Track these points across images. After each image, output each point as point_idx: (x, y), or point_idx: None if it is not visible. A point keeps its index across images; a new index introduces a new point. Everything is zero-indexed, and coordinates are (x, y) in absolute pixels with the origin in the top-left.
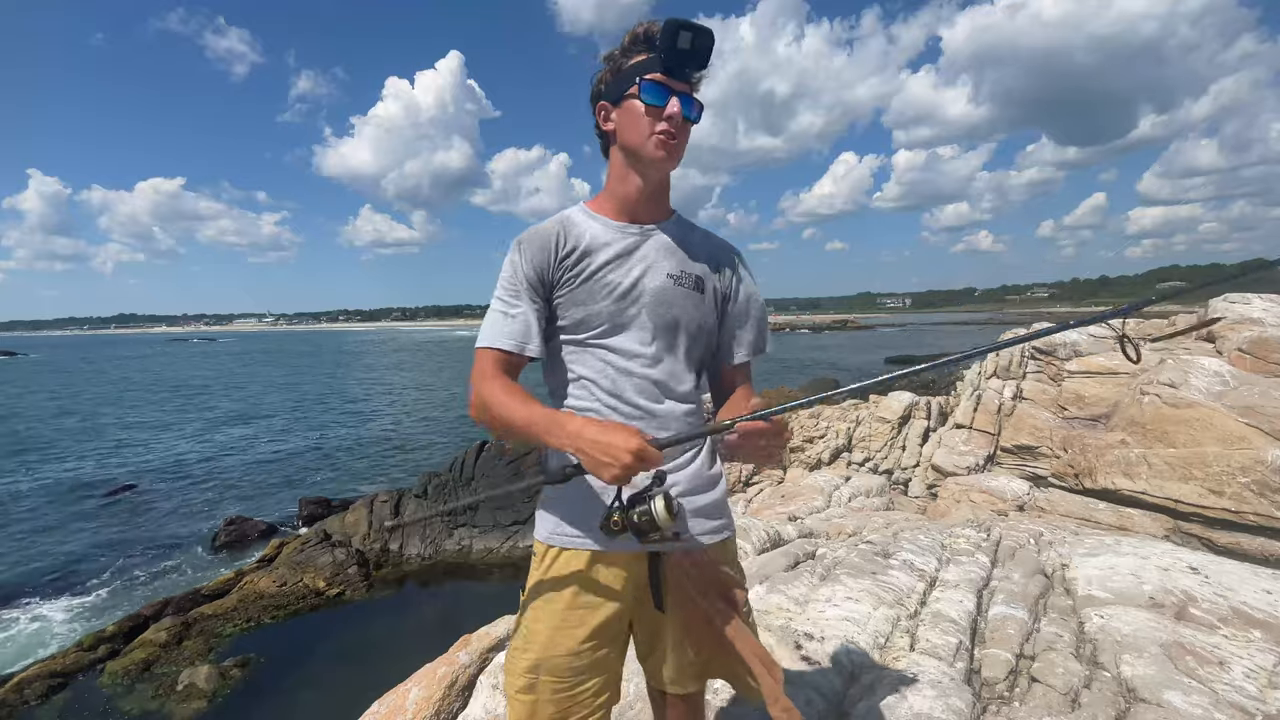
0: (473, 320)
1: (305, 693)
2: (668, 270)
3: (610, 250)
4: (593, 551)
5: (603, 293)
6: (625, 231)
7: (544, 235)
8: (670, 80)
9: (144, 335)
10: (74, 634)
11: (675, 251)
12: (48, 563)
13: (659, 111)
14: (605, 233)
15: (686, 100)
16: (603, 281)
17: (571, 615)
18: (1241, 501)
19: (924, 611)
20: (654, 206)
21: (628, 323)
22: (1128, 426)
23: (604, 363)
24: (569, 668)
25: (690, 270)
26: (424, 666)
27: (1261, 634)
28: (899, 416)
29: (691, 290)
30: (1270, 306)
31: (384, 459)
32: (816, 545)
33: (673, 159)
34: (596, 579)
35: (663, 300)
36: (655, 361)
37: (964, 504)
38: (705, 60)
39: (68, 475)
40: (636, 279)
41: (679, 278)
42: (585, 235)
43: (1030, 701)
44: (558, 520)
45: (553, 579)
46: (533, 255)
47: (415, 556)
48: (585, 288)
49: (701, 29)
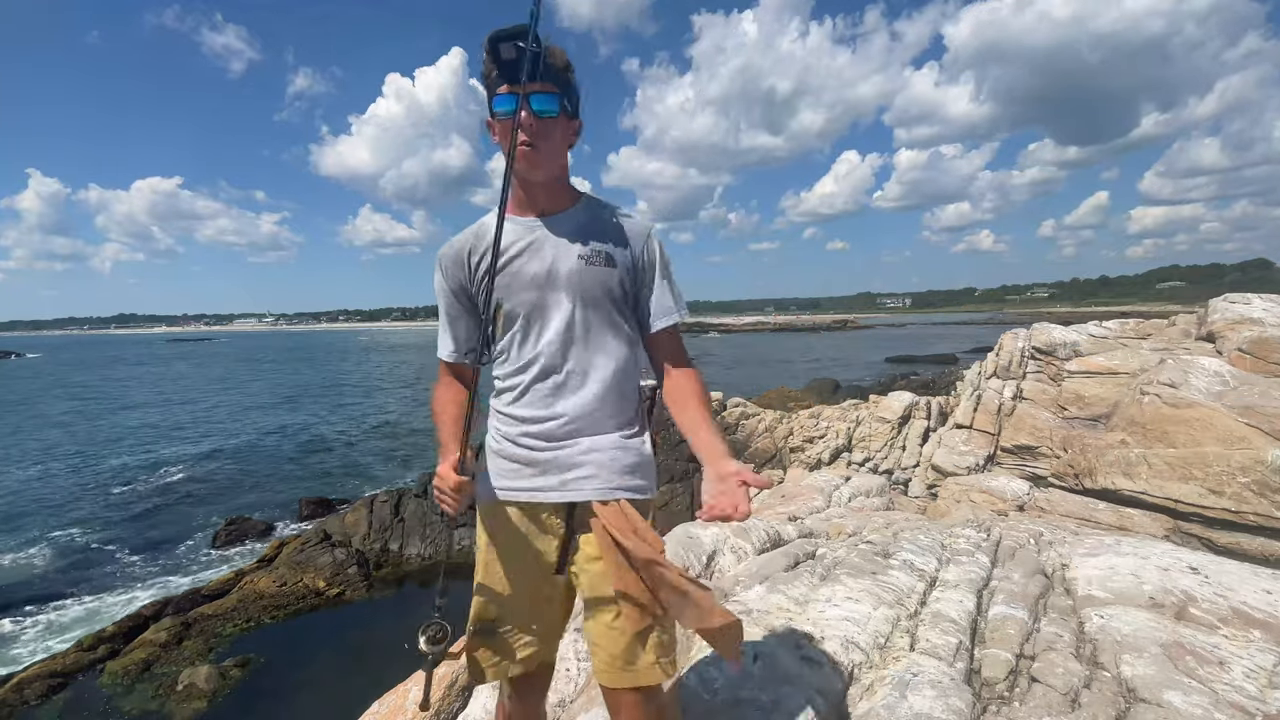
0: None
1: (305, 693)
2: (577, 252)
3: (518, 244)
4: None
5: (518, 283)
6: (530, 226)
7: (456, 250)
8: (514, 87)
9: (144, 335)
10: (74, 634)
11: (582, 233)
12: (47, 563)
13: (509, 122)
14: (514, 230)
15: (538, 98)
16: (514, 273)
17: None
18: (1241, 501)
19: (924, 611)
20: (555, 196)
21: (551, 305)
22: (1128, 426)
23: (534, 345)
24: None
25: (600, 248)
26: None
27: (1261, 634)
28: (899, 416)
29: (602, 266)
30: (1270, 306)
31: (384, 459)
32: (816, 545)
33: (535, 164)
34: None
35: (577, 280)
36: (582, 337)
37: (964, 504)
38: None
39: (67, 475)
40: (549, 265)
41: (589, 256)
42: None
43: (1030, 701)
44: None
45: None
46: (451, 271)
47: (415, 556)
48: (501, 284)
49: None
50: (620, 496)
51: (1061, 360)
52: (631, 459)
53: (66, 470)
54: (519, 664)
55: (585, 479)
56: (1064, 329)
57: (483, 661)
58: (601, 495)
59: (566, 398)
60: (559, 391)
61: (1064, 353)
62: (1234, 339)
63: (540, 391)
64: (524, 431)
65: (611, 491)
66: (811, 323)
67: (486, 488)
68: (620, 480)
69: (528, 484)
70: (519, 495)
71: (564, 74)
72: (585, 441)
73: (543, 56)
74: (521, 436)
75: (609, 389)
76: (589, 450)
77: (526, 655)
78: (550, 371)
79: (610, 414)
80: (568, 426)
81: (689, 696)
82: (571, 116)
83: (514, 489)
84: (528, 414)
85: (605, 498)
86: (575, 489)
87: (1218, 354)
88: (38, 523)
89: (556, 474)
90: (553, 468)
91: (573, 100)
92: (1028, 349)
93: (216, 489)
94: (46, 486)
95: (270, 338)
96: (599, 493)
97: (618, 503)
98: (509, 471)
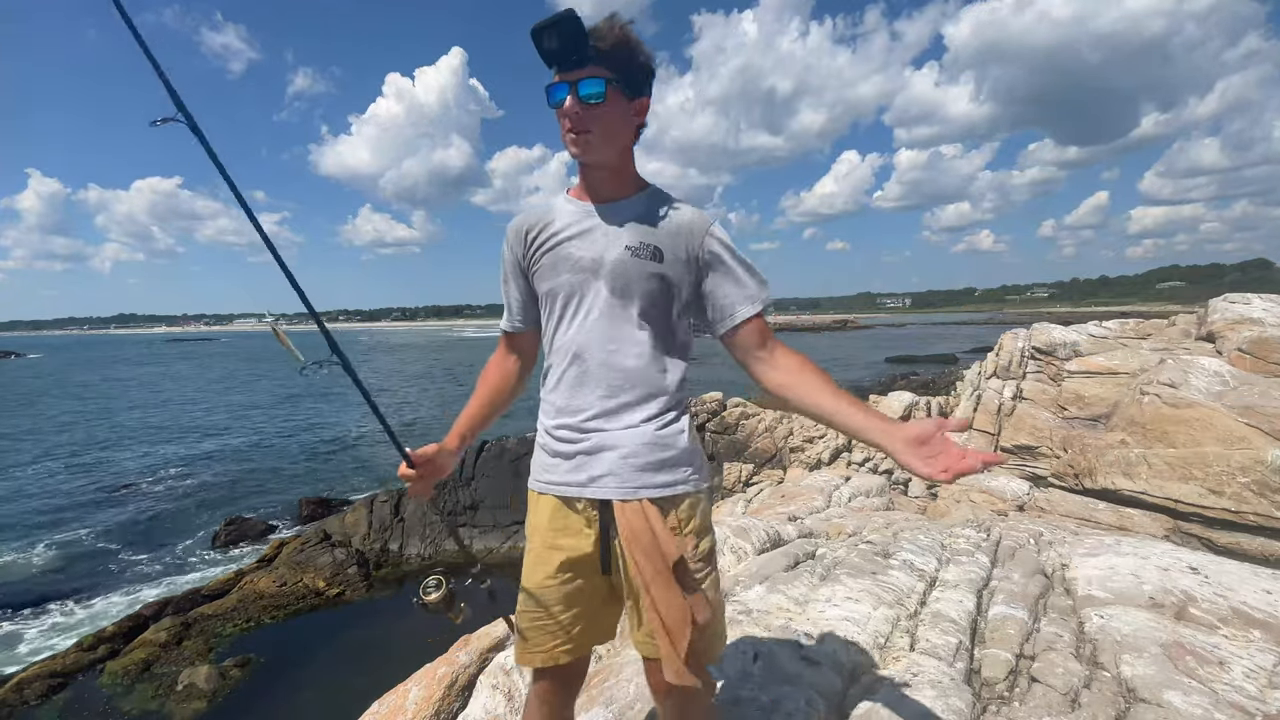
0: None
1: (305, 693)
2: (625, 242)
3: (572, 228)
4: (557, 496)
5: (565, 265)
6: (590, 211)
7: (520, 223)
8: (564, 74)
9: (144, 335)
10: (74, 634)
11: (636, 224)
12: (47, 563)
13: (561, 109)
14: (571, 213)
15: (583, 83)
16: (563, 255)
17: (542, 554)
18: (1241, 501)
19: (924, 611)
20: (616, 183)
21: (589, 292)
22: (1128, 426)
23: (565, 330)
24: (539, 598)
25: (649, 241)
26: (424, 666)
27: (1261, 634)
28: (899, 416)
29: (648, 260)
30: (1270, 306)
31: (384, 459)
32: (816, 545)
33: (585, 149)
34: (563, 521)
35: (621, 271)
36: (615, 328)
37: (964, 504)
38: (581, 42)
39: (67, 475)
40: (597, 252)
41: (636, 249)
42: (555, 217)
43: (1030, 701)
44: (534, 466)
45: (532, 519)
46: (511, 242)
47: (415, 556)
48: (549, 263)
49: (559, 20)
50: (642, 496)
51: (1061, 360)
52: (661, 454)
53: (67, 470)
54: (552, 655)
55: (608, 475)
56: (1064, 329)
57: (528, 647)
58: (623, 495)
59: (592, 388)
60: (586, 380)
61: (1064, 353)
62: (1234, 339)
63: (570, 379)
64: (557, 423)
65: (634, 491)
66: (811, 323)
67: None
68: (643, 479)
69: (560, 478)
70: (553, 489)
71: (617, 52)
72: (610, 436)
73: (587, 39)
74: (555, 428)
75: (639, 381)
76: (613, 446)
77: (560, 647)
78: (580, 359)
79: (639, 407)
80: (594, 419)
81: None
82: (631, 96)
83: (548, 482)
84: (560, 402)
85: (626, 497)
86: (600, 486)
87: (1218, 354)
88: (38, 522)
89: (585, 470)
90: (581, 463)
91: (631, 79)
92: (1028, 349)
93: (216, 489)
94: (47, 486)
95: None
96: (621, 492)
97: (639, 503)
98: (547, 465)
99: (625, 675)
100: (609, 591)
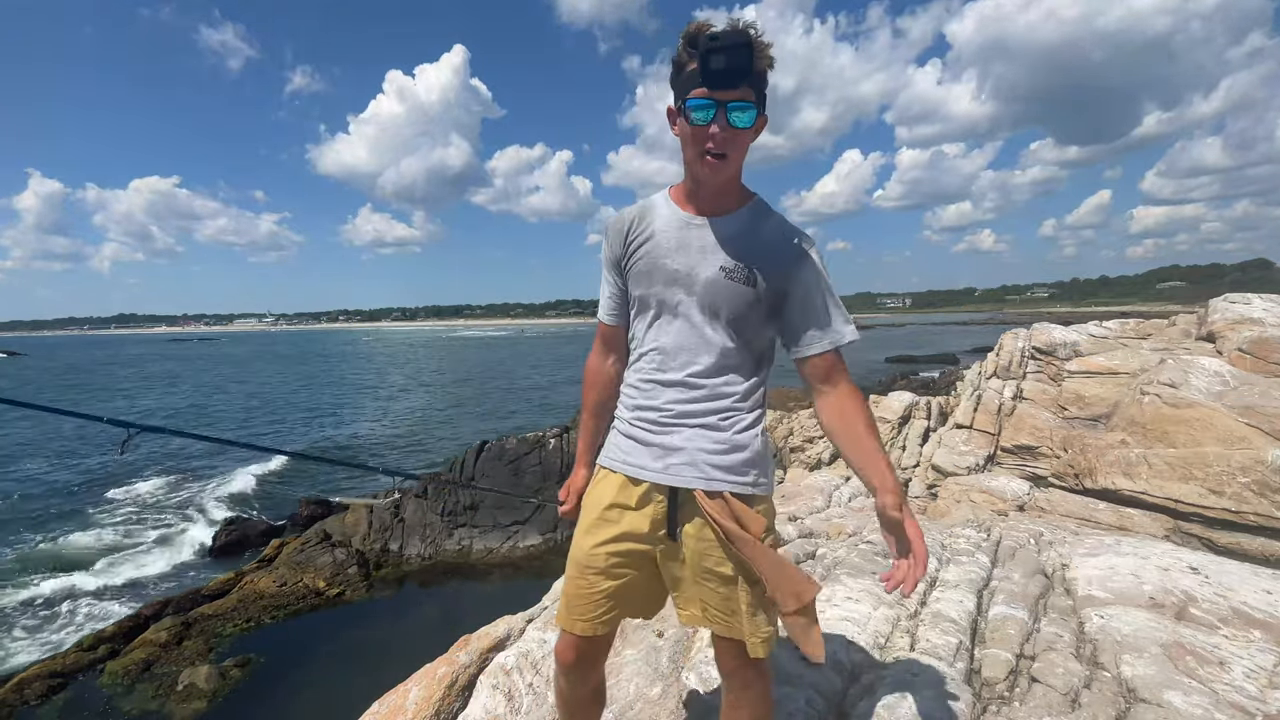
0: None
1: (305, 693)
2: (720, 263)
3: (670, 238)
4: (622, 475)
5: (659, 276)
6: (689, 222)
7: (620, 221)
8: (713, 93)
9: (144, 335)
10: (74, 634)
11: (733, 244)
12: (46, 562)
13: (704, 131)
14: (673, 221)
15: (734, 107)
16: (659, 265)
17: (596, 524)
18: (1242, 501)
19: (924, 612)
20: (722, 198)
21: (677, 306)
22: (1128, 426)
23: (656, 342)
24: (587, 565)
25: (744, 262)
26: (424, 666)
27: (1261, 634)
28: (899, 416)
29: (740, 284)
30: (1270, 306)
31: (384, 459)
32: (816, 545)
33: (719, 173)
34: (625, 498)
35: (711, 290)
36: (701, 341)
37: (964, 504)
38: (747, 68)
39: (67, 474)
40: (691, 268)
41: (730, 270)
42: (656, 221)
43: (1030, 701)
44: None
45: (592, 493)
46: (610, 239)
47: (415, 556)
48: (644, 270)
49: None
50: (722, 489)
51: (1062, 360)
52: (736, 455)
53: (67, 469)
54: (592, 625)
55: (685, 465)
56: (1064, 329)
57: (571, 614)
58: (703, 485)
59: (675, 391)
60: (669, 385)
61: (1064, 353)
62: (1234, 339)
63: (653, 380)
64: (636, 416)
65: (710, 482)
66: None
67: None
68: (720, 475)
69: (636, 460)
70: (625, 469)
71: (764, 73)
72: (688, 432)
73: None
74: (635, 419)
75: (719, 387)
76: (690, 439)
77: (602, 620)
78: (665, 366)
79: (718, 413)
80: (674, 416)
81: (690, 697)
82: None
83: (621, 462)
84: (641, 400)
85: (706, 488)
86: (676, 474)
87: (1218, 354)
88: (37, 522)
89: (662, 459)
90: (658, 454)
91: (765, 98)
92: (1028, 349)
93: (216, 489)
94: (47, 485)
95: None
96: (700, 482)
97: (721, 495)
98: (623, 447)
99: (625, 675)
100: (653, 574)
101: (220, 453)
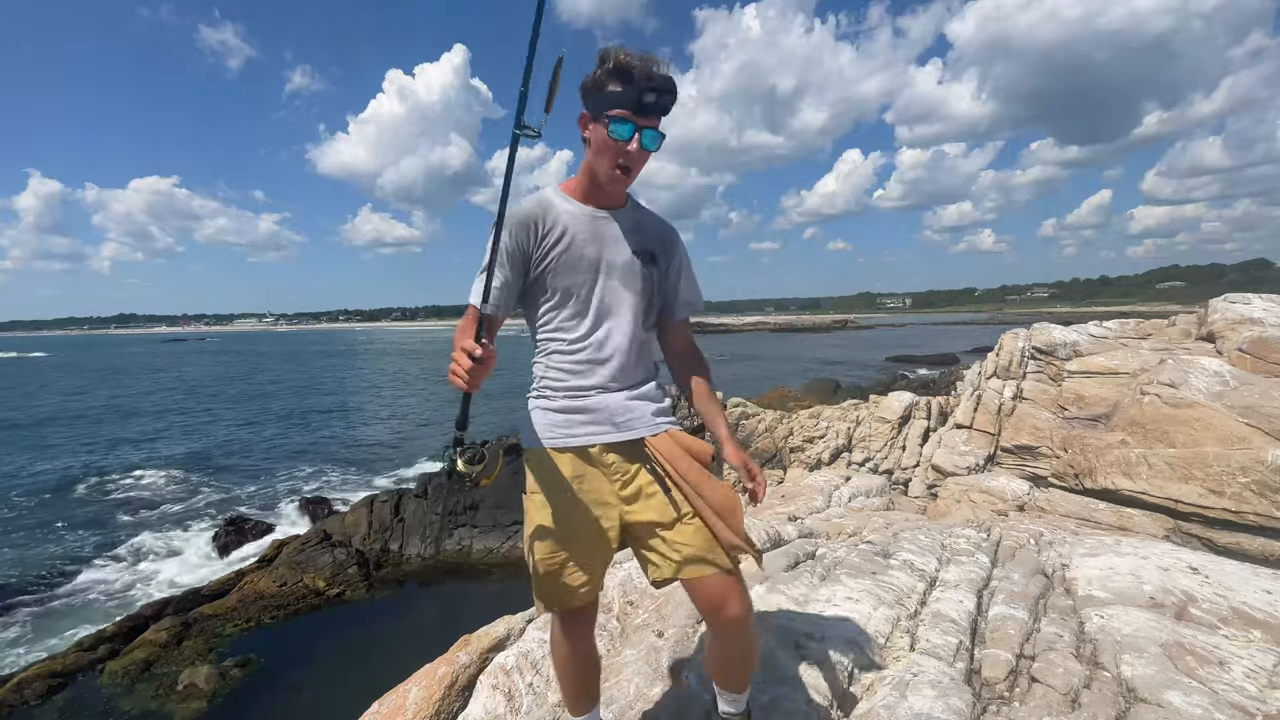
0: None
1: (305, 693)
2: (632, 249)
3: (584, 231)
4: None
5: (583, 265)
6: (595, 215)
7: (525, 215)
8: (635, 117)
9: (145, 335)
10: (74, 634)
11: (634, 232)
12: (46, 562)
13: (622, 145)
14: (580, 216)
15: (649, 135)
16: (582, 255)
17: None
18: (1241, 501)
19: (924, 611)
20: (617, 196)
21: (604, 290)
22: (1128, 426)
23: (583, 322)
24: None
25: (646, 247)
26: (424, 666)
27: (1261, 634)
28: (899, 416)
29: (647, 263)
30: (1270, 306)
31: (384, 459)
32: (816, 545)
33: (623, 185)
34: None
35: (628, 273)
36: (621, 320)
37: (964, 504)
38: (667, 107)
39: (67, 474)
40: (608, 255)
41: (639, 253)
42: (563, 217)
43: (1030, 701)
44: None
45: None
46: (515, 234)
47: (415, 556)
48: (567, 262)
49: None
50: (666, 427)
51: (1062, 360)
52: (661, 404)
53: (66, 468)
54: (580, 596)
55: (635, 419)
56: (1064, 329)
57: (551, 597)
58: (652, 430)
59: (610, 366)
60: (604, 363)
61: (1064, 353)
62: (1234, 339)
63: (588, 362)
64: (574, 391)
65: (656, 428)
66: (811, 323)
67: (531, 437)
68: (660, 419)
69: (582, 430)
70: (573, 441)
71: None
72: (627, 396)
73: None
74: (573, 395)
75: (641, 361)
76: (631, 399)
77: (586, 588)
78: (598, 346)
79: (642, 375)
80: (611, 385)
81: (690, 696)
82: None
83: (567, 436)
84: (575, 382)
85: (655, 431)
86: (629, 428)
87: (1218, 354)
88: (37, 522)
89: (607, 420)
90: (603, 415)
91: None
92: (1028, 349)
93: (216, 489)
94: (46, 484)
95: (277, 336)
96: (651, 428)
97: (666, 432)
98: (559, 423)
99: (625, 675)
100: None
101: (220, 452)
